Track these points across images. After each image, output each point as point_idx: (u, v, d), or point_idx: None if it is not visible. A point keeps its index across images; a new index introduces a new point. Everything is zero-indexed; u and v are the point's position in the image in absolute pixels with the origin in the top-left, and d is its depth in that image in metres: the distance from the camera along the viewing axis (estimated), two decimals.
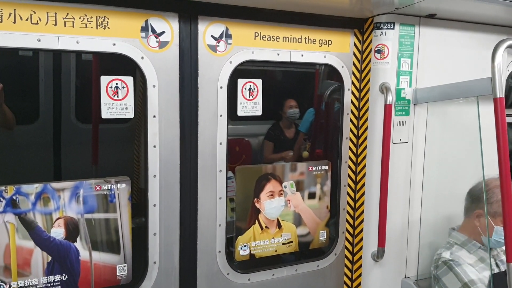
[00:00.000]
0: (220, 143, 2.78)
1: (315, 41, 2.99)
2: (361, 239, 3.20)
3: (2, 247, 2.35)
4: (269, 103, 2.98)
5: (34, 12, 2.26)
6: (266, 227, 3.01)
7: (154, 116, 2.60)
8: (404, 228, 3.16)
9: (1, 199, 2.31)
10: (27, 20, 2.25)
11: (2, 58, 4.33)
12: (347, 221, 3.26)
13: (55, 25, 2.31)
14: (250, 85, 2.87)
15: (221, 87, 2.75)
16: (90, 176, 3.98)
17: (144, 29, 2.51)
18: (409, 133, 3.09)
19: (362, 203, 3.18)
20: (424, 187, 3.19)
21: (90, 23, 2.38)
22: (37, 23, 2.27)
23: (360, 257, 3.21)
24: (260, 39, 2.83)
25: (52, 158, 4.78)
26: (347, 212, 3.26)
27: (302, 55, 2.96)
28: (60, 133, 4.89)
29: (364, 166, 3.14)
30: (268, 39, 2.85)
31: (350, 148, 3.20)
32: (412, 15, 2.98)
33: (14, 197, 2.33)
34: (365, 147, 3.13)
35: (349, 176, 3.22)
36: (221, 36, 2.72)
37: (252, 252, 2.99)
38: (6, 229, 2.34)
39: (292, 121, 5.84)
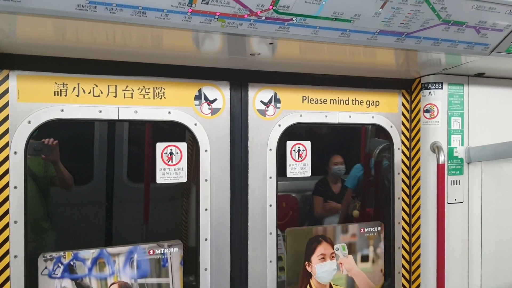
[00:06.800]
0: (270, 205, 2.79)
1: (363, 102, 3.01)
2: None
3: None
4: (314, 160, 2.96)
5: (96, 86, 2.42)
6: None
7: (206, 180, 2.65)
8: None
9: (59, 265, 2.39)
10: (89, 93, 2.41)
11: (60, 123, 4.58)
12: (403, 285, 3.13)
13: (115, 96, 2.46)
14: (299, 147, 2.90)
15: (270, 150, 2.79)
16: (141, 233, 4.05)
17: (198, 97, 2.62)
18: (464, 193, 2.99)
19: (418, 266, 3.05)
20: (483, 249, 3.04)
21: (147, 94, 2.51)
22: (98, 95, 2.43)
23: None
24: (308, 102, 2.88)
25: (104, 215, 4.91)
26: (403, 275, 3.13)
27: (350, 116, 2.98)
28: (112, 191, 5.05)
29: (419, 227, 3.04)
30: (316, 102, 2.90)
31: (402, 209, 3.12)
32: (460, 74, 2.97)
33: (71, 263, 2.40)
34: (419, 208, 3.04)
35: (403, 237, 3.12)
36: (270, 101, 2.79)
37: None
38: None
39: (338, 177, 5.80)
